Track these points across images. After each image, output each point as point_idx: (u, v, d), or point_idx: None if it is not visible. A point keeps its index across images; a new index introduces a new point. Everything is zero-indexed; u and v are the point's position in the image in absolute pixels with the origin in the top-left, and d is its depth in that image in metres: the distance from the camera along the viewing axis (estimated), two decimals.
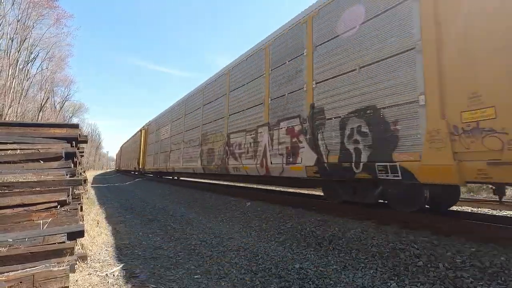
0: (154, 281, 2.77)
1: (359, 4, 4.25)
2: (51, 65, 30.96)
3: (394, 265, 2.89)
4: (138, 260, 3.40)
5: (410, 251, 3.00)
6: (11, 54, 23.25)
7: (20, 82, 25.28)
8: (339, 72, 4.49)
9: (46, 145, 5.11)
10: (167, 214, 6.57)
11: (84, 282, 2.70)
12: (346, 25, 4.46)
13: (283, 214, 5.21)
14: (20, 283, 2.20)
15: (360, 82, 4.12)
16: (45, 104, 32.55)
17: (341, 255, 3.36)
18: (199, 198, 8.31)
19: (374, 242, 3.41)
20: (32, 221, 3.47)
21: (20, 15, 23.40)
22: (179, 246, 4.01)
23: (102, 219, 5.92)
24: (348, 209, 4.95)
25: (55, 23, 27.25)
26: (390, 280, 2.64)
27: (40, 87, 31.66)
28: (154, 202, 8.75)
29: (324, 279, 2.80)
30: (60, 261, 2.80)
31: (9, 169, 4.40)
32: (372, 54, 3.98)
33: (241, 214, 5.82)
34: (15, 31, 23.28)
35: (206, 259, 3.44)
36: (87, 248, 3.63)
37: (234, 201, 7.01)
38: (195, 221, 5.71)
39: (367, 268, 2.94)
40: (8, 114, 21.30)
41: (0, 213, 3.47)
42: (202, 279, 2.84)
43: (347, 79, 4.35)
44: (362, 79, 4.10)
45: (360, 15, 4.23)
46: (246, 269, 3.09)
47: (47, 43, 28.01)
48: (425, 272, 2.65)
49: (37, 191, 3.86)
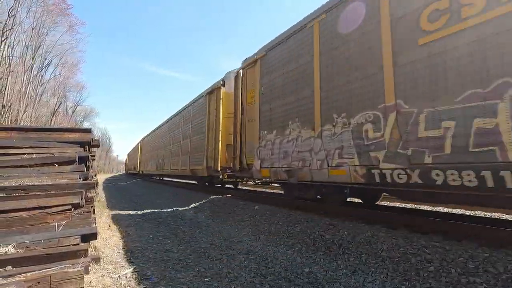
0: (165, 283, 2.81)
1: None
2: (64, 71, 31.82)
3: (405, 270, 2.86)
4: (149, 262, 3.46)
5: (421, 256, 2.96)
6: (26, 61, 23.99)
7: (34, 87, 26.03)
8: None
9: (60, 149, 5.26)
10: (176, 217, 6.64)
11: (97, 283, 2.76)
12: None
13: (291, 217, 5.20)
14: (38, 283, 2.27)
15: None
16: (58, 108, 33.39)
17: (350, 259, 3.35)
18: (209, 201, 8.37)
19: (384, 246, 3.38)
20: (47, 223, 3.56)
21: (35, 22, 24.18)
22: (188, 249, 4.06)
23: (113, 222, 6.02)
24: (357, 213, 4.92)
25: (68, 30, 28.05)
26: (401, 285, 2.62)
27: (53, 93, 32.52)
28: (162, 205, 8.85)
29: (334, 283, 2.79)
30: (75, 262, 2.87)
31: (25, 172, 4.55)
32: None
33: (250, 218, 5.83)
34: (30, 39, 24.04)
35: (216, 262, 3.48)
36: (100, 250, 3.72)
37: (242, 204, 7.04)
38: (204, 224, 5.75)
39: (378, 273, 2.92)
40: (23, 119, 21.93)
41: (17, 215, 3.59)
42: (212, 281, 2.87)
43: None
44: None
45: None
46: (256, 273, 3.11)
47: (60, 50, 28.83)
48: (437, 277, 2.62)
49: (52, 194, 3.97)
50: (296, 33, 5.77)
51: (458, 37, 3.15)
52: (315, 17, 5.29)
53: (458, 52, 3.14)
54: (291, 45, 5.90)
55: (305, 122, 5.31)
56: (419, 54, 3.52)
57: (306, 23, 5.52)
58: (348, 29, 4.62)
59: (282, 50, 6.18)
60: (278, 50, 6.34)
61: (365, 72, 4.23)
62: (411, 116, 3.52)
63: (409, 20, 3.67)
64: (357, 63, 4.38)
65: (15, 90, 21.63)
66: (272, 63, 6.49)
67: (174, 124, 15.67)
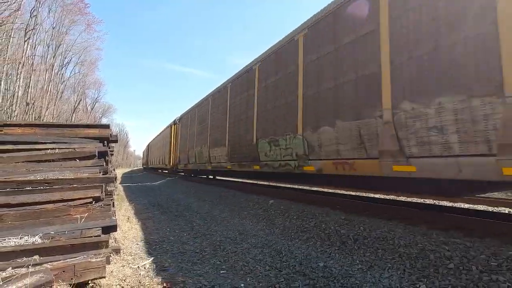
0: (182, 274, 2.89)
1: None
2: (83, 68, 32.81)
3: (423, 266, 2.80)
4: (166, 254, 3.55)
5: (440, 253, 2.89)
6: (47, 60, 24.89)
7: (55, 85, 27.01)
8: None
9: (81, 145, 5.45)
10: (192, 210, 6.78)
11: (118, 273, 2.87)
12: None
13: (306, 212, 5.19)
14: (63, 271, 2.39)
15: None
16: (78, 105, 34.54)
17: (366, 255, 3.31)
18: (223, 196, 8.48)
19: (401, 242, 3.32)
20: (70, 216, 3.72)
21: (54, 22, 24.98)
22: (204, 242, 4.14)
23: (132, 215, 6.22)
24: (373, 208, 4.84)
25: (86, 29, 28.80)
26: (419, 282, 2.57)
27: (73, 90, 33.68)
28: (179, 199, 9.04)
29: (349, 278, 2.78)
30: (97, 253, 2.99)
31: (49, 167, 4.76)
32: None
33: (264, 212, 5.87)
34: (51, 38, 24.88)
35: (231, 255, 3.53)
36: (120, 242, 3.85)
37: (257, 199, 7.08)
38: (220, 218, 5.84)
39: (394, 269, 2.88)
40: (46, 115, 22.85)
41: (43, 207, 3.77)
42: (228, 274, 2.92)
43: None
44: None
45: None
46: (271, 266, 3.13)
47: (79, 48, 29.67)
48: (457, 274, 2.54)
49: (74, 188, 4.13)
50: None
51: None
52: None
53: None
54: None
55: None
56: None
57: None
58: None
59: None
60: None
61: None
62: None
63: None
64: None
65: (37, 88, 22.53)
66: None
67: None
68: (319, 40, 5.32)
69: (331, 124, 4.79)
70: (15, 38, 18.45)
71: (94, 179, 4.43)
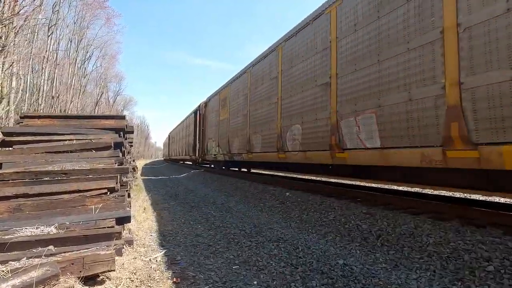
0: (193, 269, 2.79)
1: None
2: (104, 62, 33.63)
3: (456, 268, 2.52)
4: (179, 247, 3.47)
5: (477, 253, 2.59)
6: (70, 54, 25.67)
7: (79, 79, 27.90)
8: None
9: (98, 136, 5.48)
10: (208, 202, 6.72)
11: (129, 265, 2.81)
12: None
13: (324, 205, 4.96)
14: (72, 264, 2.34)
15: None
16: (100, 98, 35.63)
17: (390, 253, 3.06)
18: (239, 187, 8.38)
19: (430, 240, 3.03)
20: (85, 206, 3.72)
21: (76, 17, 25.60)
22: (218, 234, 4.03)
23: (148, 205, 6.25)
24: (398, 201, 4.52)
25: (106, 23, 29.34)
26: (452, 286, 2.31)
27: (96, 84, 34.69)
28: (196, 189, 9.06)
29: (372, 278, 2.55)
30: (109, 244, 2.95)
31: (67, 158, 4.81)
32: None
33: (281, 204, 5.69)
34: (73, 33, 25.57)
35: (245, 249, 3.39)
36: (134, 233, 3.82)
37: (273, 190, 6.91)
38: (235, 209, 5.73)
39: (423, 270, 2.61)
40: (70, 108, 23.71)
41: (59, 198, 3.79)
42: (240, 270, 2.79)
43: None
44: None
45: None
46: (286, 262, 2.96)
47: (100, 42, 30.36)
48: (498, 279, 2.25)
49: (90, 178, 4.14)
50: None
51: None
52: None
53: None
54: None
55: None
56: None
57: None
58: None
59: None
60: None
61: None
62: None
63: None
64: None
65: (62, 82, 23.35)
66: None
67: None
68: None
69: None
70: (39, 34, 19.07)
71: (109, 170, 4.42)
